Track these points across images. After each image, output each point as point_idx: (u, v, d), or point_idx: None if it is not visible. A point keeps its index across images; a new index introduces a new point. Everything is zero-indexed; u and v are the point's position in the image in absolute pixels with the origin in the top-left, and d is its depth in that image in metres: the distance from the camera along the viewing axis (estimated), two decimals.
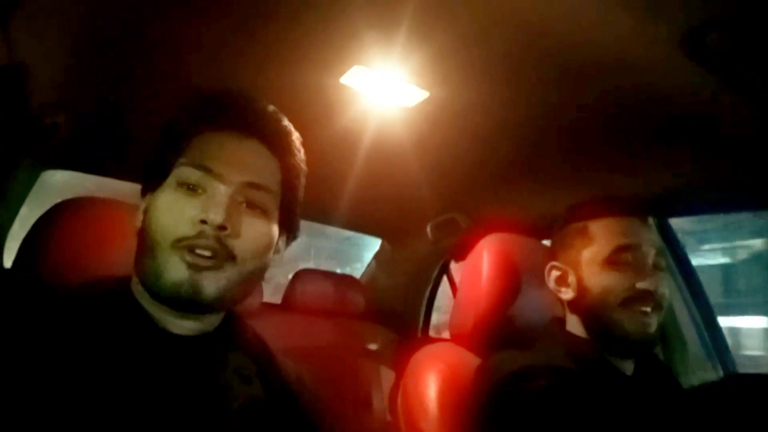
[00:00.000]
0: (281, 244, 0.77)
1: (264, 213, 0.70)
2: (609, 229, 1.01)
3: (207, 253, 0.63)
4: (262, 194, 0.69)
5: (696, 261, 1.51)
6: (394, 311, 2.30)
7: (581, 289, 1.01)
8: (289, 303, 2.03)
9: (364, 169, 1.51)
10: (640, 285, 0.95)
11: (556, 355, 0.98)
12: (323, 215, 2.05)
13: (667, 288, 0.99)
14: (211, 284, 0.64)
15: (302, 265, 2.19)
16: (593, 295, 0.98)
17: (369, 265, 2.45)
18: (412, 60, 1.05)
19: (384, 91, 1.14)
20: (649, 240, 1.01)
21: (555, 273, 1.06)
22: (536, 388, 0.89)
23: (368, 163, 1.48)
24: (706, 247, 5.67)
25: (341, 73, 1.09)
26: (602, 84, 1.07)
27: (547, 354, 0.99)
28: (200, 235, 0.63)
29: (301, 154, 0.77)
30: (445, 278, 2.25)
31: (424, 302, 2.27)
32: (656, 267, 0.98)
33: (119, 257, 0.88)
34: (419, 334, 2.27)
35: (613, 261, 0.98)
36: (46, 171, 1.66)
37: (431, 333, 2.32)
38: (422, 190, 1.69)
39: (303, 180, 0.78)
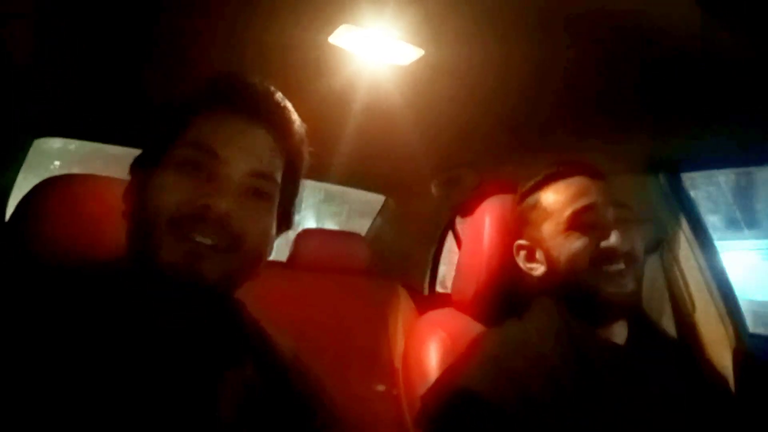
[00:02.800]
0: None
1: (268, 202, 0.69)
2: (561, 195, 0.99)
3: (208, 241, 0.62)
4: (267, 183, 0.68)
5: None
6: (400, 267, 2.29)
7: (550, 262, 0.99)
8: (294, 262, 2.03)
9: (362, 127, 1.47)
10: (604, 244, 0.93)
11: (540, 339, 0.95)
12: (324, 174, 2.01)
13: (639, 240, 0.96)
14: (212, 270, 0.62)
15: None
16: (562, 264, 0.96)
17: (374, 222, 2.43)
18: (406, 17, 0.99)
19: (376, 49, 1.08)
20: (605, 196, 0.97)
21: (522, 252, 1.05)
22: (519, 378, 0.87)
23: (365, 121, 1.43)
24: None
25: (329, 33, 1.03)
26: (605, 37, 1.00)
27: (532, 338, 0.96)
28: (201, 218, 0.61)
29: (305, 141, 0.75)
30: (450, 234, 2.22)
31: (430, 258, 2.25)
32: (619, 221, 0.95)
33: (109, 235, 0.86)
34: (426, 290, 2.26)
35: (572, 227, 0.96)
36: (40, 138, 1.64)
37: (438, 287, 2.31)
38: (423, 147, 1.64)
39: (305, 169, 0.77)
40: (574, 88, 1.19)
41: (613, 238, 0.92)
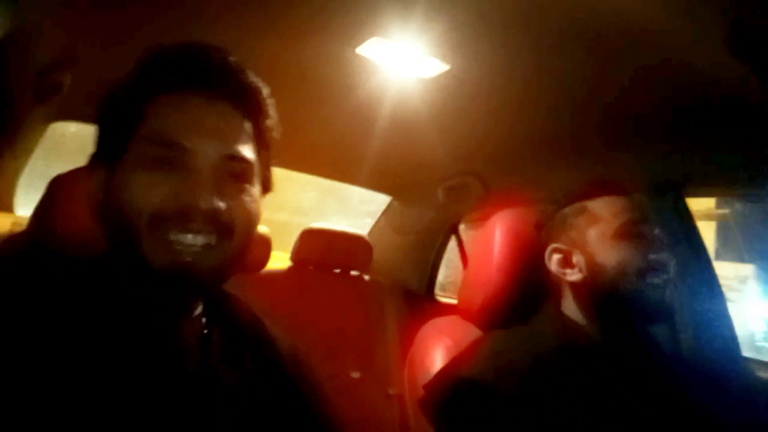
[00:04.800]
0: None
1: (247, 182, 0.64)
2: (613, 205, 1.00)
3: (200, 240, 0.59)
4: (242, 164, 0.63)
5: None
6: (401, 269, 2.32)
7: (593, 267, 0.99)
8: (296, 260, 2.05)
9: (381, 134, 1.49)
10: (654, 256, 0.95)
11: (543, 338, 0.98)
12: (339, 173, 2.03)
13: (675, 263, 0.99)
14: (204, 267, 0.59)
15: None
16: (608, 270, 0.96)
17: (377, 223, 2.45)
18: (432, 32, 1.01)
19: (402, 62, 1.11)
20: (652, 215, 1.01)
21: (557, 256, 1.04)
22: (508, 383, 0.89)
23: (385, 129, 1.45)
24: None
25: (358, 44, 1.05)
26: (626, 56, 1.03)
27: (535, 339, 0.99)
28: (187, 217, 0.58)
29: (272, 111, 0.69)
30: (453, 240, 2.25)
31: (431, 262, 2.28)
32: (663, 241, 0.97)
33: None
34: (424, 293, 2.29)
35: (623, 234, 0.97)
36: (54, 123, 1.65)
37: (437, 291, 2.34)
38: (436, 154, 1.67)
39: (276, 136, 0.71)
40: (591, 104, 1.21)
41: (663, 254, 0.95)
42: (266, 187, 0.71)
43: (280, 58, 1.12)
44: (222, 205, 0.59)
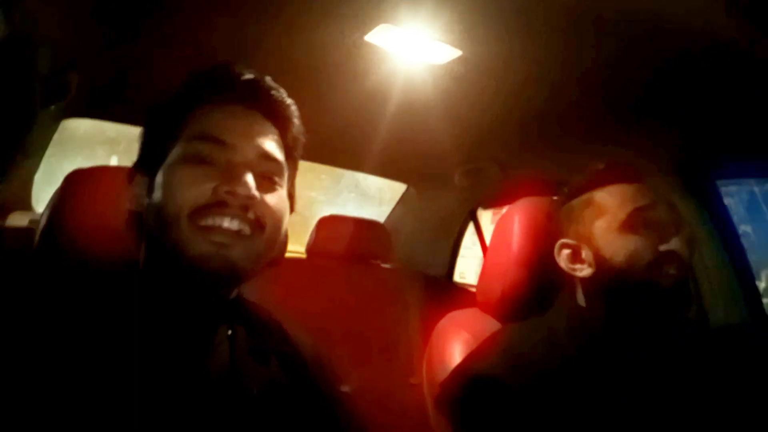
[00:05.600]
0: None
1: (278, 184, 0.69)
2: (619, 195, 0.95)
3: (235, 226, 0.62)
4: (275, 165, 0.69)
5: None
6: (419, 256, 2.29)
7: (601, 262, 0.94)
8: (313, 250, 2.03)
9: (394, 122, 1.47)
10: (664, 247, 0.89)
11: (560, 331, 0.96)
12: (351, 162, 2.01)
13: (693, 248, 0.93)
14: (240, 256, 0.62)
15: None
16: (616, 265, 0.92)
17: (394, 210, 2.42)
18: (443, 18, 0.98)
19: (413, 49, 1.07)
20: (661, 197, 0.94)
21: (566, 251, 1.00)
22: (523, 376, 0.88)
23: (395, 115, 1.43)
24: None
25: (367, 32, 1.02)
26: (640, 40, 0.98)
27: (550, 332, 0.96)
28: (224, 204, 0.62)
29: (300, 126, 0.75)
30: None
31: (450, 248, 2.25)
32: (674, 224, 0.92)
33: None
34: (445, 279, 2.26)
35: (630, 225, 0.92)
36: (66, 120, 1.65)
37: (456, 278, 2.32)
38: (450, 140, 1.64)
39: (301, 152, 0.77)
40: (606, 87, 1.17)
41: (673, 242, 0.90)
42: (291, 203, 0.75)
43: (290, 48, 1.10)
44: (257, 195, 0.63)
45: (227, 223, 0.62)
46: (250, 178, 0.63)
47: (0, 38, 0.87)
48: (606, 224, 0.94)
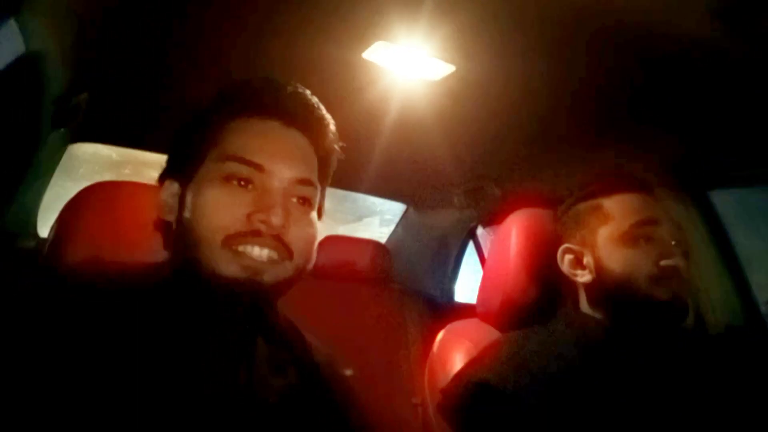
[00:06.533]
0: None
1: (311, 206, 0.69)
2: (626, 205, 0.96)
3: (265, 255, 0.63)
4: (309, 189, 0.69)
5: None
6: (420, 276, 2.30)
7: (600, 271, 0.96)
8: (315, 270, 2.04)
9: (391, 139, 1.49)
10: (665, 262, 0.91)
11: (562, 338, 0.97)
12: (349, 182, 2.03)
13: (688, 262, 0.94)
14: (270, 281, 0.63)
15: None
16: (615, 275, 0.94)
17: (394, 231, 2.44)
18: (438, 34, 1.01)
19: (408, 65, 1.11)
20: (668, 215, 0.96)
21: (569, 256, 1.01)
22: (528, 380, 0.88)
23: (393, 133, 1.45)
24: None
25: (363, 49, 1.06)
26: (633, 52, 1.01)
27: (553, 339, 0.97)
28: (256, 233, 0.62)
29: (337, 142, 0.75)
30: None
31: (450, 267, 2.26)
32: (678, 243, 0.93)
33: (148, 241, 0.88)
34: (445, 299, 2.27)
35: (633, 237, 0.93)
36: (74, 144, 1.68)
37: (457, 297, 2.32)
38: (448, 158, 1.66)
39: (335, 167, 0.77)
40: (602, 102, 1.20)
41: (674, 258, 0.91)
42: (319, 215, 0.75)
43: (286, 64, 1.13)
44: (286, 225, 0.63)
45: (257, 251, 0.62)
46: (281, 205, 0.64)
47: (15, 56, 0.89)
48: (609, 233, 0.96)
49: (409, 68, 1.11)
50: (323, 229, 0.74)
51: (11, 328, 0.56)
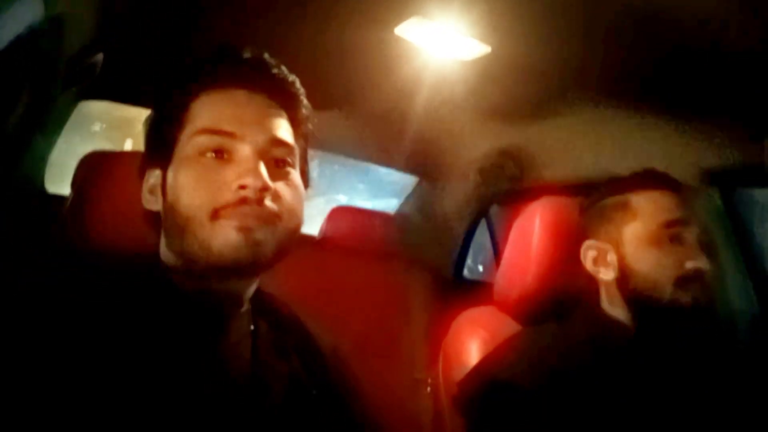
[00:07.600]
0: None
1: (291, 165, 0.68)
2: (654, 203, 0.94)
3: (253, 222, 0.61)
4: (286, 150, 0.68)
5: None
6: (428, 251, 2.28)
7: (624, 269, 0.95)
8: (324, 241, 2.02)
9: (415, 115, 1.45)
10: (690, 264, 0.89)
11: (583, 338, 0.95)
12: (368, 154, 2.01)
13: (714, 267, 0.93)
14: (268, 239, 0.62)
15: None
16: (639, 275, 0.92)
17: (403, 203, 2.41)
18: (473, 12, 0.97)
19: (442, 43, 1.06)
20: (695, 217, 0.94)
21: (592, 252, 1.00)
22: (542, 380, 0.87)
23: (420, 110, 1.41)
24: None
25: (396, 25, 1.01)
26: (675, 38, 0.97)
27: (571, 338, 0.96)
28: (243, 201, 0.61)
29: (306, 103, 0.74)
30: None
31: (460, 244, 2.24)
32: (702, 246, 0.92)
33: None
34: (452, 275, 2.26)
35: (660, 237, 0.92)
36: (83, 101, 1.64)
37: (466, 273, 2.31)
38: (471, 136, 1.63)
39: (311, 127, 0.75)
40: (642, 86, 1.16)
41: (700, 260, 0.90)
42: (305, 181, 0.73)
43: (317, 41, 1.09)
44: (271, 185, 0.62)
45: (247, 220, 0.61)
46: (262, 168, 0.62)
47: (34, 18, 0.86)
48: (636, 231, 0.94)
49: (442, 46, 1.07)
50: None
51: (18, 312, 0.55)
